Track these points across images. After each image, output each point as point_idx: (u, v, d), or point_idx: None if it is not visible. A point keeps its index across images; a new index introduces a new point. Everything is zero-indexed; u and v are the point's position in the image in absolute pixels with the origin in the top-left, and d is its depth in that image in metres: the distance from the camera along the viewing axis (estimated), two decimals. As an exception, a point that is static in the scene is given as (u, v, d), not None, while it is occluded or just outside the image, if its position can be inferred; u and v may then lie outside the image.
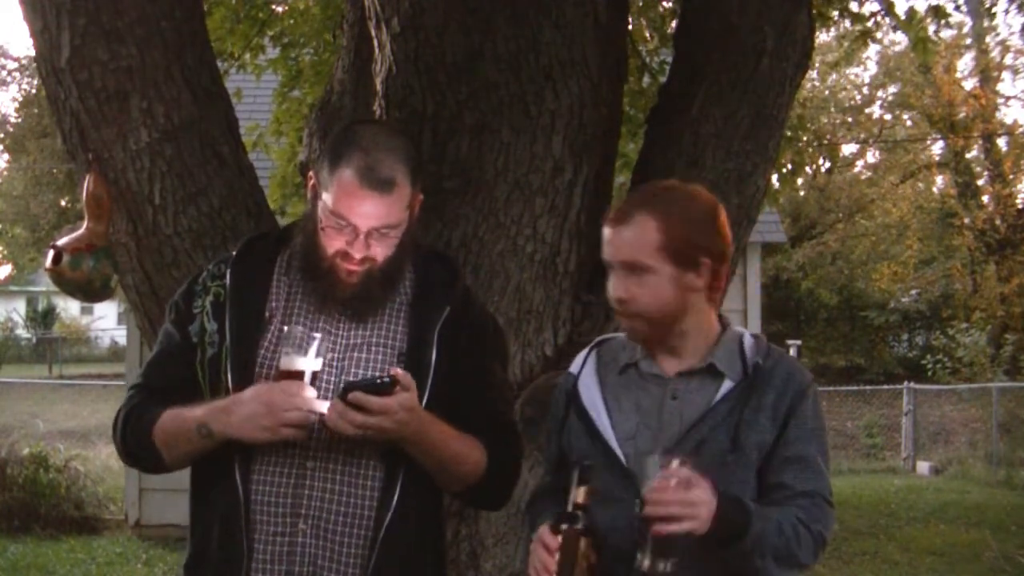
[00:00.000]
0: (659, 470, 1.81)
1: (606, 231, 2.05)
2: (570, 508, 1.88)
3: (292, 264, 2.12)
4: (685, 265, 2.00)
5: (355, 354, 2.04)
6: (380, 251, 2.01)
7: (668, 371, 2.06)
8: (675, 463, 1.81)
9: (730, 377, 2.01)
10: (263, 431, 1.89)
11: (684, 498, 1.78)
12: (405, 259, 2.09)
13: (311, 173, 2.12)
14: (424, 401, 1.96)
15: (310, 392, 1.91)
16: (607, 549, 1.92)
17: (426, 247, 2.27)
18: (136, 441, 2.08)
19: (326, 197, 2.01)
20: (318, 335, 1.96)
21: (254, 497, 1.98)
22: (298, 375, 1.92)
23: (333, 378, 2.01)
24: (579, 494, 1.87)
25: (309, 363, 1.93)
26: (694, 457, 1.90)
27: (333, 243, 2.01)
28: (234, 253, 2.16)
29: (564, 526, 1.87)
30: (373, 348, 2.05)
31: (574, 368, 2.17)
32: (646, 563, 1.80)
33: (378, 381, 1.89)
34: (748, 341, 2.07)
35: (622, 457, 1.99)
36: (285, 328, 1.99)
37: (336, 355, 2.03)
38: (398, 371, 1.91)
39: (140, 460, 2.14)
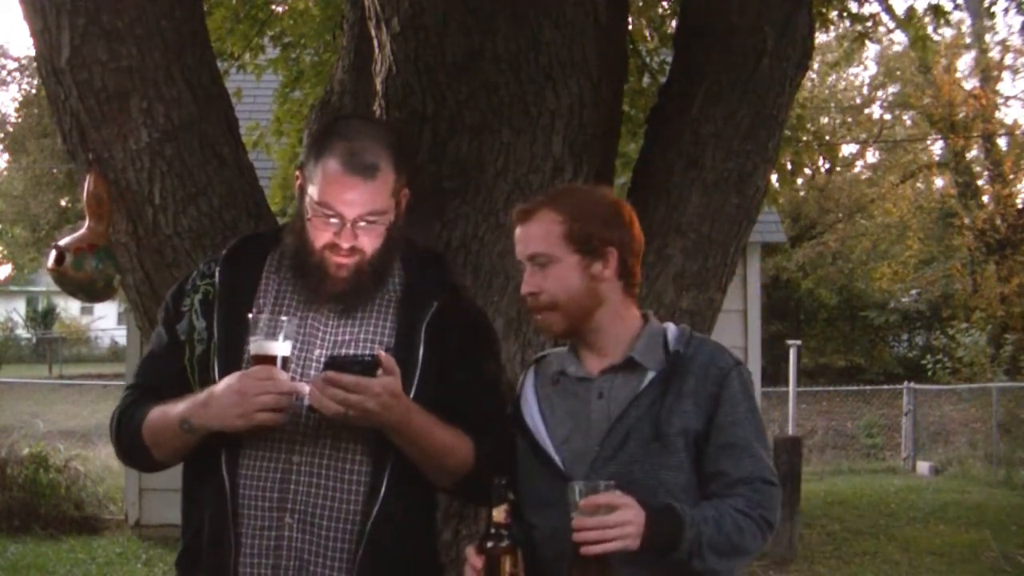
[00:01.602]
0: (584, 496, 1.86)
1: (515, 232, 2.14)
2: (492, 528, 1.92)
3: (282, 263, 2.15)
4: (590, 254, 2.08)
5: (343, 350, 2.06)
6: (367, 242, 2.04)
7: (593, 371, 2.11)
8: (601, 486, 1.87)
9: (652, 368, 2.06)
10: (239, 419, 1.91)
11: (608, 521, 1.83)
12: (393, 252, 2.11)
13: (298, 172, 2.15)
14: (412, 395, 1.98)
15: (282, 375, 1.92)
16: (548, 552, 1.97)
17: (422, 247, 2.29)
18: (128, 440, 2.11)
19: (312, 190, 2.05)
20: (284, 318, 1.98)
21: (241, 492, 2.00)
22: (268, 359, 1.94)
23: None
24: (498, 513, 1.91)
25: (279, 347, 1.94)
26: (621, 450, 1.98)
27: (321, 236, 2.04)
28: (224, 252, 2.19)
29: (489, 544, 1.91)
30: (361, 344, 2.06)
31: (518, 388, 2.23)
32: None
33: (361, 358, 1.93)
34: (672, 332, 2.12)
35: (559, 462, 2.05)
36: (250, 316, 2.00)
37: (324, 351, 2.05)
38: (382, 353, 1.93)
39: (134, 459, 2.17)
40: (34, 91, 23.11)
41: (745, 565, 2.09)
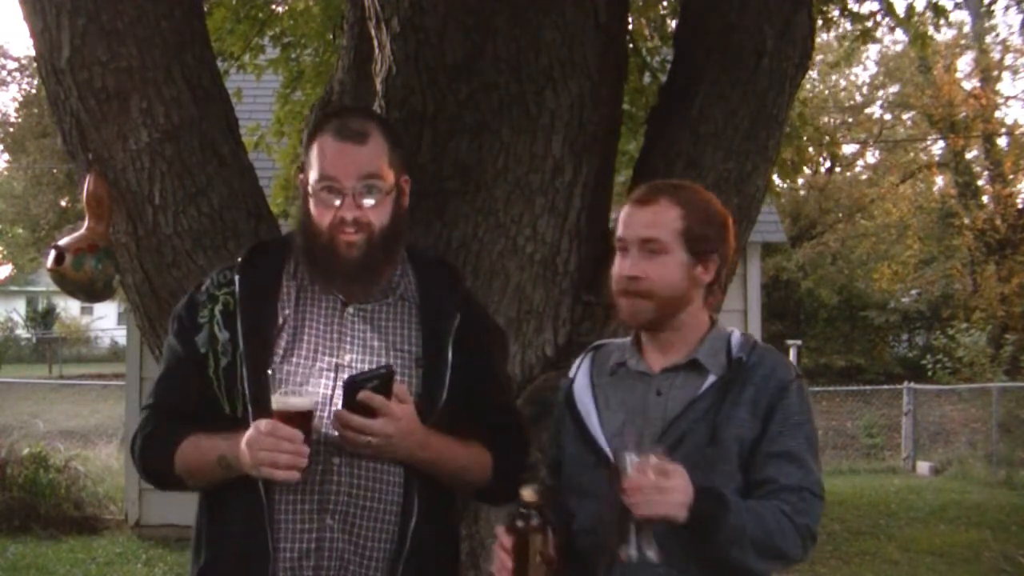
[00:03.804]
0: (636, 462, 1.85)
1: (627, 209, 2.12)
2: (522, 508, 1.92)
3: (299, 268, 2.12)
4: (698, 256, 2.08)
5: (373, 357, 2.06)
6: (374, 216, 2.03)
7: (654, 367, 2.10)
8: (653, 455, 1.86)
9: (713, 372, 2.05)
10: (251, 469, 1.90)
11: (659, 484, 1.82)
12: (402, 227, 2.11)
13: (300, 174, 2.16)
14: (442, 403, 2.02)
15: (288, 431, 1.87)
16: (587, 541, 1.97)
17: (424, 253, 2.29)
18: (157, 468, 2.10)
19: (311, 173, 2.06)
20: (306, 388, 1.97)
21: (278, 497, 1.98)
22: (283, 415, 1.90)
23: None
24: (528, 493, 1.92)
25: (297, 402, 1.91)
26: (675, 451, 1.95)
27: (325, 215, 2.03)
28: (240, 260, 2.15)
29: (519, 524, 1.92)
30: (390, 352, 2.07)
31: (572, 372, 2.22)
32: (632, 552, 1.84)
33: (377, 373, 1.93)
34: (736, 338, 2.11)
35: (609, 454, 2.02)
36: (270, 372, 1.98)
37: (355, 355, 2.05)
38: (398, 382, 1.94)
39: (164, 484, 2.15)
40: (34, 91, 23.13)
41: (781, 572, 2.06)
